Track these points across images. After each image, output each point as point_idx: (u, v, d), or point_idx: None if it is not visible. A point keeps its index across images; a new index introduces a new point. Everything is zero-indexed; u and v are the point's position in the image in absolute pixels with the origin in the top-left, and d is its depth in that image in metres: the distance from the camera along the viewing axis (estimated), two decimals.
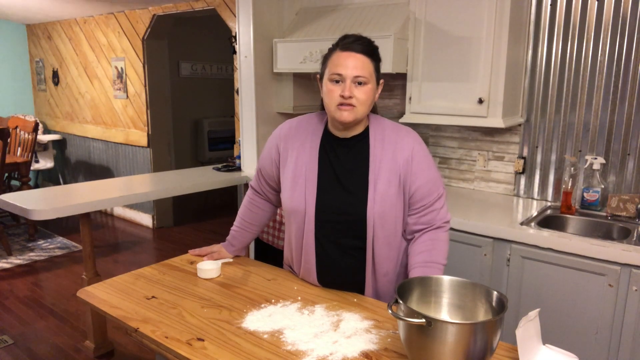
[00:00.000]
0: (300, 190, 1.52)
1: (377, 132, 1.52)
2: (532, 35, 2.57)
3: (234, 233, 1.83)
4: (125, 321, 1.36)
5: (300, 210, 1.52)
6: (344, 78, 1.41)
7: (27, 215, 2.44)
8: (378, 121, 1.55)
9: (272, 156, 1.63)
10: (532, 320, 1.17)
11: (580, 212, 2.43)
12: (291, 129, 1.60)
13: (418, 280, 1.28)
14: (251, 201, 1.79)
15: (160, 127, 5.13)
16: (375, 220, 1.47)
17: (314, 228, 1.52)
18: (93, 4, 4.70)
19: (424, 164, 1.50)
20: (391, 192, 1.47)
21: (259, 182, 1.74)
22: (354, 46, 1.42)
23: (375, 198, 1.46)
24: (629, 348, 1.93)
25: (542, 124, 2.62)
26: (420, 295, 1.27)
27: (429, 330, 1.05)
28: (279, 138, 1.61)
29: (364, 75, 1.41)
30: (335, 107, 1.44)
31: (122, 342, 3.00)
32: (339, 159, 1.51)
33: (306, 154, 1.54)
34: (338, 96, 1.42)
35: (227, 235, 1.88)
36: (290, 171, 1.55)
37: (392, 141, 1.50)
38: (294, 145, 1.57)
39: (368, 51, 1.44)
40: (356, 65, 1.40)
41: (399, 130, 1.53)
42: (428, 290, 1.28)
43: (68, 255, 4.41)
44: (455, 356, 1.06)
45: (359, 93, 1.41)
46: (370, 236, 1.48)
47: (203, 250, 1.85)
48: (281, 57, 3.05)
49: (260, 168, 1.70)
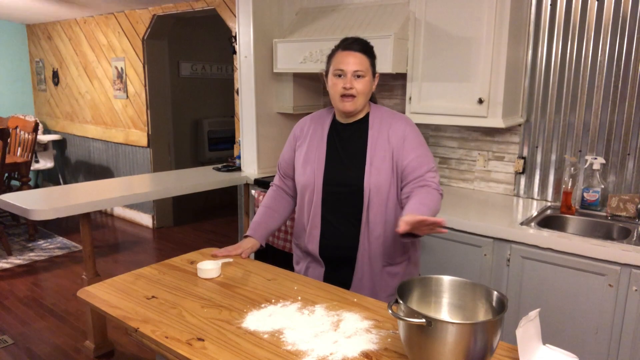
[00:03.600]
0: (311, 168, 1.79)
1: (375, 117, 1.78)
2: (532, 35, 2.57)
3: (257, 220, 1.93)
4: (125, 321, 1.36)
5: (310, 184, 1.79)
6: (345, 73, 1.68)
7: (27, 215, 2.44)
8: (377, 108, 1.82)
9: (291, 145, 1.92)
10: (532, 320, 1.17)
11: (580, 212, 2.43)
12: (306, 122, 1.90)
13: (418, 281, 1.28)
14: (274, 193, 1.99)
15: (160, 127, 5.13)
16: (370, 189, 1.71)
17: (321, 198, 1.77)
18: (93, 4, 4.70)
19: (415, 143, 1.73)
20: (385, 166, 1.72)
21: (280, 176, 1.99)
22: (353, 46, 1.70)
23: (371, 171, 1.71)
24: (629, 348, 1.93)
25: (542, 124, 2.62)
26: (420, 295, 1.27)
27: (429, 330, 1.05)
28: (296, 128, 1.92)
29: (361, 69, 1.68)
30: (339, 97, 1.71)
31: (122, 342, 3.00)
32: (342, 141, 1.79)
33: (317, 139, 1.82)
34: (341, 88, 1.69)
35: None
36: (304, 153, 1.83)
37: (387, 124, 1.76)
38: (307, 134, 1.86)
39: (365, 50, 1.71)
40: (355, 62, 1.68)
41: (394, 115, 1.80)
42: (428, 290, 1.28)
43: (68, 255, 4.41)
44: (455, 356, 1.06)
45: (358, 85, 1.69)
46: (366, 203, 1.72)
47: (230, 250, 1.84)
48: (281, 57, 3.05)
49: (281, 161, 1.97)
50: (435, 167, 1.76)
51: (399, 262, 1.80)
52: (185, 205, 5.52)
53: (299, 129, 1.91)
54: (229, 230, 5.08)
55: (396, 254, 1.79)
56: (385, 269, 1.78)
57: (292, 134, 1.94)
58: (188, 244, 4.62)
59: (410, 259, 1.84)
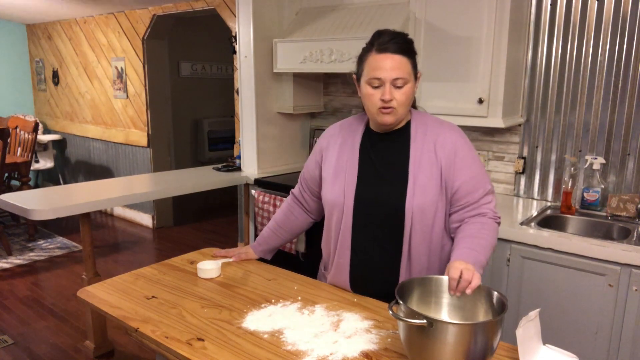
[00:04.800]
0: (340, 184, 1.53)
1: (418, 126, 1.50)
2: (532, 35, 2.57)
3: (263, 234, 1.83)
4: (125, 321, 1.36)
5: (339, 202, 1.52)
6: (382, 81, 1.40)
7: (27, 215, 2.44)
8: (420, 116, 1.54)
9: (316, 159, 1.66)
10: (532, 320, 1.17)
11: (580, 212, 2.43)
12: (334, 131, 1.63)
13: (418, 281, 1.28)
14: (289, 207, 1.81)
15: (160, 127, 5.13)
16: (414, 212, 1.43)
17: (351, 220, 1.50)
18: (93, 4, 4.70)
19: (469, 160, 1.47)
20: (432, 184, 1.44)
21: (300, 187, 1.77)
22: (389, 46, 1.40)
23: (415, 190, 1.44)
24: (629, 348, 1.93)
25: (542, 124, 2.62)
26: (420, 296, 1.27)
27: (430, 331, 1.05)
28: (323, 140, 1.65)
29: (402, 76, 1.40)
30: (377, 110, 1.43)
31: (122, 342, 2.99)
32: (379, 153, 1.51)
33: (347, 151, 1.55)
34: (378, 100, 1.41)
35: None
36: (332, 167, 1.57)
37: (434, 134, 1.48)
38: (335, 145, 1.59)
39: (405, 49, 1.42)
40: (393, 67, 1.39)
41: (441, 124, 1.52)
42: (428, 290, 1.28)
43: (68, 255, 4.41)
44: (455, 356, 1.06)
45: (399, 95, 1.41)
46: (408, 229, 1.44)
47: (230, 251, 1.84)
48: (281, 57, 3.05)
49: (304, 172, 1.74)
50: (492, 189, 1.50)
51: None
52: (185, 205, 5.52)
53: (325, 140, 1.63)
54: (229, 230, 5.07)
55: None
56: None
57: (317, 145, 1.67)
58: (188, 244, 4.62)
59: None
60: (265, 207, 3.00)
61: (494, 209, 1.48)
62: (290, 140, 3.48)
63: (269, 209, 2.97)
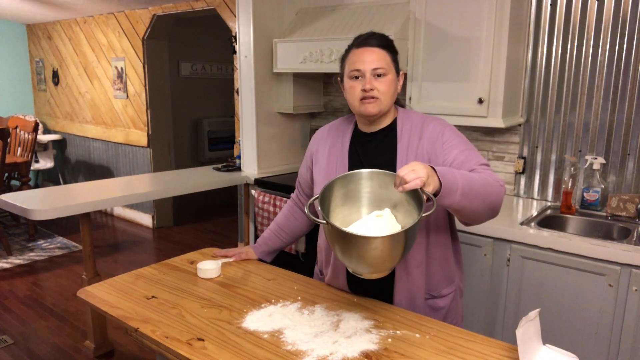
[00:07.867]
0: None
1: (404, 123, 1.51)
2: (532, 35, 2.57)
3: (264, 235, 1.84)
4: (125, 321, 1.36)
5: None
6: (363, 73, 1.42)
7: (27, 215, 2.44)
8: (406, 113, 1.55)
9: (307, 164, 1.69)
10: (532, 320, 1.17)
11: (580, 212, 2.43)
12: (322, 135, 1.65)
13: (340, 179, 1.35)
14: (289, 209, 1.83)
15: (160, 127, 5.13)
16: None
17: None
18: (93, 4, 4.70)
19: (455, 141, 1.45)
20: None
21: (297, 192, 1.80)
22: (368, 41, 1.45)
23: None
24: (629, 348, 1.93)
25: (542, 124, 2.62)
26: (343, 198, 1.36)
27: (328, 229, 1.22)
28: (312, 145, 1.68)
29: (381, 66, 1.42)
30: (359, 102, 1.45)
31: (122, 342, 3.00)
32: (367, 153, 1.53)
33: (337, 153, 1.57)
34: (360, 91, 1.43)
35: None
36: (323, 170, 1.58)
37: (419, 129, 1.49)
38: (325, 148, 1.61)
39: (383, 44, 1.45)
40: (373, 59, 1.42)
41: (426, 118, 1.52)
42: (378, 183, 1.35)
43: (68, 255, 4.41)
44: (347, 253, 1.22)
45: (379, 84, 1.42)
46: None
47: (230, 251, 1.84)
48: (281, 57, 3.05)
49: (299, 178, 1.77)
50: (489, 165, 1.45)
51: (444, 294, 1.53)
52: (185, 205, 5.52)
53: (314, 144, 1.66)
54: (229, 230, 5.08)
55: (441, 285, 1.52)
56: (427, 302, 1.51)
57: (307, 150, 1.70)
58: (188, 244, 4.62)
59: (456, 292, 1.57)
60: (265, 207, 3.00)
61: (496, 177, 1.40)
62: (290, 140, 3.48)
63: (269, 209, 2.97)
